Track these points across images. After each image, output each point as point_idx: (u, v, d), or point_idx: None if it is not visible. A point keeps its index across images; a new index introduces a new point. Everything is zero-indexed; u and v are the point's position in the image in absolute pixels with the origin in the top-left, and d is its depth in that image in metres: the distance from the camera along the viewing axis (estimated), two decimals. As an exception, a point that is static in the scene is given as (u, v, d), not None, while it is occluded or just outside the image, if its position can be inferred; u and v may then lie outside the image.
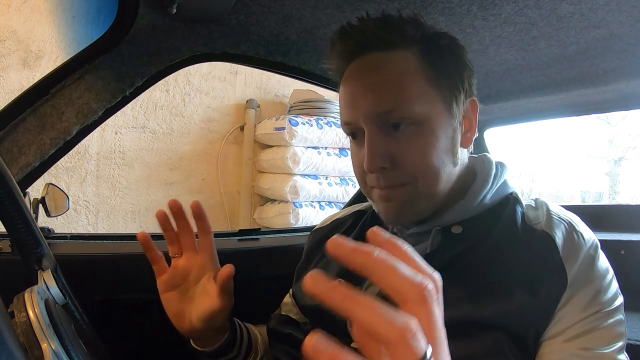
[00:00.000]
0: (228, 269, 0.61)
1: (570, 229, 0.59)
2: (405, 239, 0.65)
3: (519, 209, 0.63)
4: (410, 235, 0.66)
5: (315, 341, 0.25)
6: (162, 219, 0.63)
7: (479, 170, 0.66)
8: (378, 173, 0.59)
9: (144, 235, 0.62)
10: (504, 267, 0.57)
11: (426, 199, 0.61)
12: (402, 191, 0.60)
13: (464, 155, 0.65)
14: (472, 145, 0.68)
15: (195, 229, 0.65)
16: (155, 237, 0.97)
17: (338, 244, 0.25)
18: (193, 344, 0.67)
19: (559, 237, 0.58)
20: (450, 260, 0.59)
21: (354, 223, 0.78)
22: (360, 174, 0.64)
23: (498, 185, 0.65)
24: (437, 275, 0.28)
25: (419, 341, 0.26)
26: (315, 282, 0.26)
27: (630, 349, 0.55)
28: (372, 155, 0.58)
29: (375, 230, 0.27)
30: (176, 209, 0.62)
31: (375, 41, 0.60)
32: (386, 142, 0.58)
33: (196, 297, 0.64)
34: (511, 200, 0.65)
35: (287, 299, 0.82)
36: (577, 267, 0.55)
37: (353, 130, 0.63)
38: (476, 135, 0.66)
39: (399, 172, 0.59)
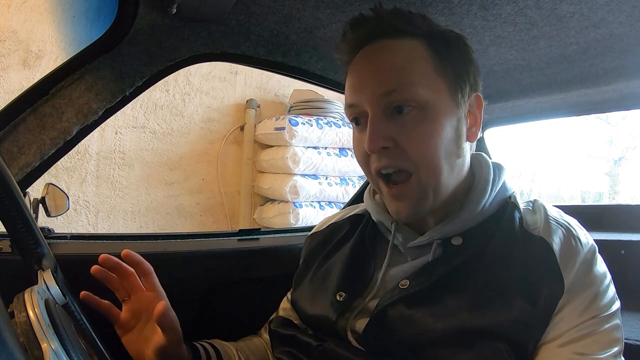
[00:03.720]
0: (159, 307, 0.60)
1: (568, 234, 0.59)
2: (407, 252, 0.66)
3: (517, 215, 0.63)
4: (412, 248, 0.65)
5: None
6: (99, 273, 0.63)
7: (476, 172, 0.66)
8: (380, 154, 0.60)
9: (86, 294, 0.63)
10: (503, 275, 0.57)
11: (433, 190, 0.60)
12: (410, 188, 0.60)
13: (468, 149, 0.66)
14: (475, 144, 0.68)
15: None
16: (152, 236, 0.97)
17: None
18: None
19: (556, 243, 0.57)
20: (450, 271, 0.59)
21: (351, 229, 0.77)
22: (363, 159, 0.64)
23: (497, 190, 0.65)
24: None
25: None
26: None
27: (630, 349, 0.55)
28: (373, 134, 0.58)
29: None
30: (107, 264, 0.63)
31: (385, 28, 0.61)
32: (388, 125, 0.59)
33: (149, 335, 0.64)
34: (509, 205, 0.64)
35: (286, 304, 0.81)
36: (574, 272, 0.55)
37: (356, 115, 0.63)
38: (481, 131, 0.66)
39: (401, 154, 0.59)
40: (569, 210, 0.65)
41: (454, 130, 0.61)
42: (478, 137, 0.65)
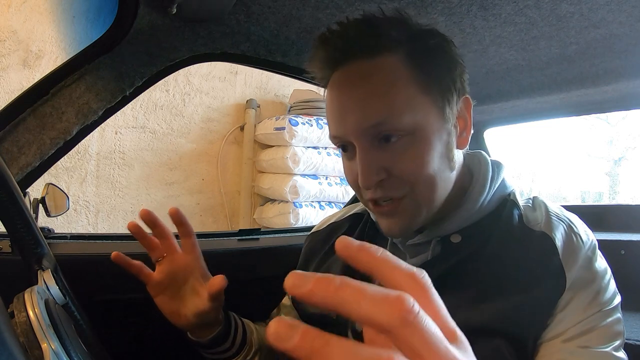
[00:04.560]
0: (220, 281, 0.61)
1: (569, 230, 0.59)
2: (405, 250, 0.66)
3: (516, 212, 0.62)
4: (411, 246, 0.65)
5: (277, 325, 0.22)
6: (135, 229, 0.63)
7: (475, 171, 0.66)
8: (375, 187, 0.58)
9: (118, 255, 0.63)
10: (502, 272, 0.57)
11: (426, 207, 0.59)
12: (402, 207, 0.59)
13: (459, 155, 0.64)
14: (468, 144, 0.67)
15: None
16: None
17: (345, 244, 0.25)
18: (190, 336, 0.69)
19: (558, 238, 0.57)
20: (449, 269, 0.59)
21: (351, 228, 0.77)
22: (356, 187, 0.62)
23: (496, 187, 0.64)
24: (425, 275, 0.25)
25: (423, 318, 0.23)
26: (297, 282, 0.23)
27: (630, 349, 0.55)
28: (366, 171, 0.56)
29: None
30: (147, 219, 0.63)
31: (359, 48, 0.56)
32: (379, 156, 0.57)
33: (187, 296, 0.65)
34: (509, 202, 0.64)
35: (287, 301, 0.81)
36: (576, 269, 0.55)
37: (343, 144, 0.61)
38: (472, 132, 0.64)
39: (396, 182, 0.57)
40: (568, 210, 0.65)
41: (444, 145, 0.59)
42: (469, 138, 0.64)
